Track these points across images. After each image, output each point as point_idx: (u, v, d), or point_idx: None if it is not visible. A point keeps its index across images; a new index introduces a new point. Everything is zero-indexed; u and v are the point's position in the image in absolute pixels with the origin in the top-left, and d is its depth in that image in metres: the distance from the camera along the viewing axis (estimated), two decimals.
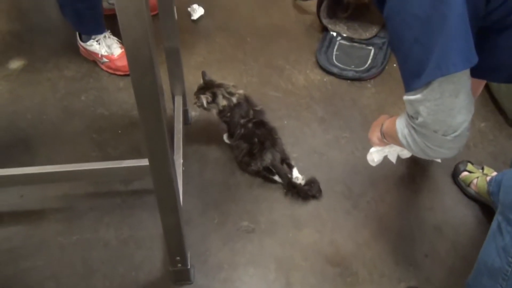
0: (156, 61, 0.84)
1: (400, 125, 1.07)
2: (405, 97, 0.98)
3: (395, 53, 0.97)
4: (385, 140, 1.28)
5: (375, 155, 1.42)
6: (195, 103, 1.68)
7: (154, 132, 0.95)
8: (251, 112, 1.67)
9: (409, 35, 0.89)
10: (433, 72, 0.87)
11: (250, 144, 1.63)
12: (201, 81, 1.68)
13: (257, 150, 1.62)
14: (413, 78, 0.92)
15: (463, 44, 0.86)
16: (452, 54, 0.85)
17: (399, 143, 1.10)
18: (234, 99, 1.64)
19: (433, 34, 0.85)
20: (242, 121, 1.65)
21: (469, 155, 1.74)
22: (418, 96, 0.93)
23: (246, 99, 1.69)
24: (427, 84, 0.90)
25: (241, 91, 1.68)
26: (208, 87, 1.65)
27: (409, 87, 0.95)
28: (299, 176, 1.66)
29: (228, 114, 1.66)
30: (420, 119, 0.96)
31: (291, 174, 1.66)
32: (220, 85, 1.66)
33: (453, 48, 0.85)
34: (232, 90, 1.66)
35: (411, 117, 1.00)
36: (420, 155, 1.05)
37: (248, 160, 1.64)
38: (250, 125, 1.64)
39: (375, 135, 1.31)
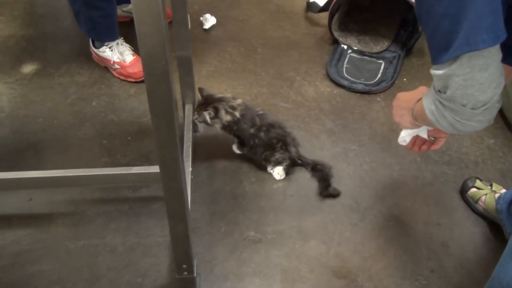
0: (171, 70, 0.85)
1: (427, 101, 1.05)
2: (432, 71, 0.97)
3: (423, 25, 0.97)
4: (417, 123, 1.25)
5: (407, 138, 1.41)
6: (196, 119, 1.66)
7: (166, 140, 0.95)
8: (257, 119, 1.67)
9: (439, 8, 0.88)
10: (461, 47, 0.86)
11: (269, 146, 1.68)
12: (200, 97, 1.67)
13: (279, 147, 1.69)
14: (441, 52, 0.91)
15: (493, 20, 0.85)
16: (482, 29, 0.84)
17: (431, 124, 1.09)
18: (237, 113, 1.62)
19: (463, 8, 0.84)
20: (252, 130, 1.65)
21: (477, 172, 1.74)
22: (445, 70, 0.92)
23: (247, 107, 1.67)
24: (455, 58, 0.89)
25: (239, 101, 1.66)
26: (208, 102, 1.63)
27: (436, 61, 0.94)
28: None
29: (235, 128, 1.65)
30: (448, 93, 0.95)
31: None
32: (220, 99, 1.64)
33: (483, 23, 0.84)
34: (233, 103, 1.64)
35: (438, 92, 0.99)
36: (449, 130, 1.03)
37: (269, 155, 1.70)
38: (261, 134, 1.66)
39: (406, 120, 1.28)
